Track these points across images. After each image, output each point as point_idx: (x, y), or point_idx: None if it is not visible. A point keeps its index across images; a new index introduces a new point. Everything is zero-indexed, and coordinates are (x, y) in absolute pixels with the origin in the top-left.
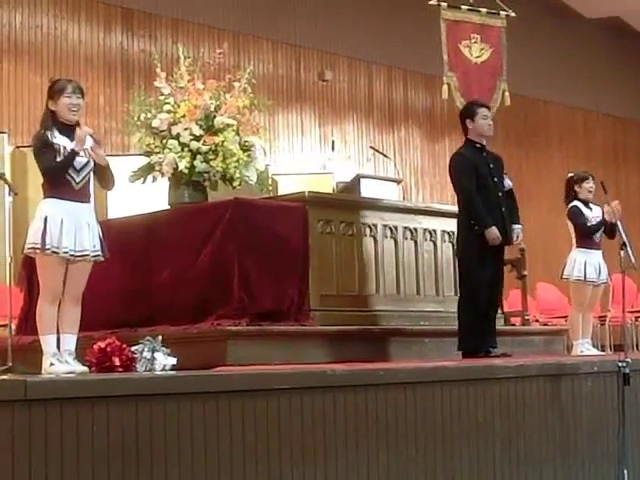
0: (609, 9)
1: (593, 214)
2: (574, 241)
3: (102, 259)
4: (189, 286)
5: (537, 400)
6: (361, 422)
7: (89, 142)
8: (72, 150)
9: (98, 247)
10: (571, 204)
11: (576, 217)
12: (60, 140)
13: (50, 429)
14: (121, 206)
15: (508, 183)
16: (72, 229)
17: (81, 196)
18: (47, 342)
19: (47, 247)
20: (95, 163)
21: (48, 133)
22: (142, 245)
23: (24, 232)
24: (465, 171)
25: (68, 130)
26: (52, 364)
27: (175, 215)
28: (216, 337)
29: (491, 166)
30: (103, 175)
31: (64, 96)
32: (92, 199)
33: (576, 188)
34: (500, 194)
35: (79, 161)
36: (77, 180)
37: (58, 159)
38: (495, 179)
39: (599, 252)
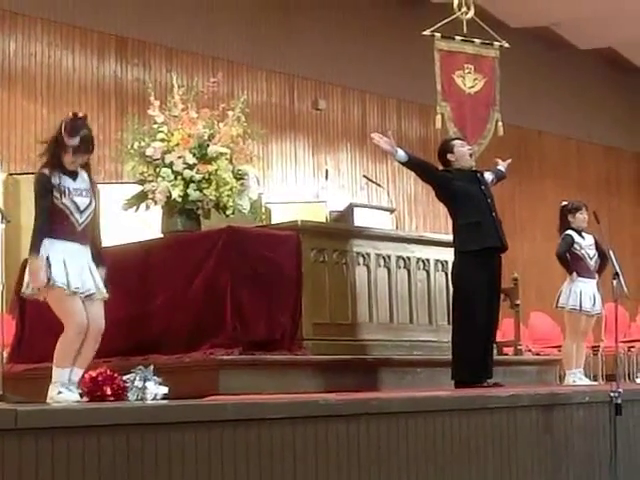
0: (602, 40)
1: (586, 242)
2: (568, 271)
3: (106, 297)
4: (182, 314)
5: (529, 430)
6: (353, 452)
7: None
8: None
9: (102, 286)
10: (564, 233)
11: (561, 245)
12: (63, 181)
13: (41, 459)
14: (114, 234)
15: (488, 177)
16: (77, 270)
17: (82, 238)
18: (60, 374)
19: (55, 282)
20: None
21: (52, 175)
22: (135, 273)
23: (16, 260)
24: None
25: (70, 171)
26: (60, 392)
27: (168, 243)
28: (208, 366)
29: (478, 176)
30: None
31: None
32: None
33: (569, 218)
34: (489, 200)
35: (82, 202)
36: (80, 221)
37: (64, 200)
38: (482, 187)
39: (594, 281)
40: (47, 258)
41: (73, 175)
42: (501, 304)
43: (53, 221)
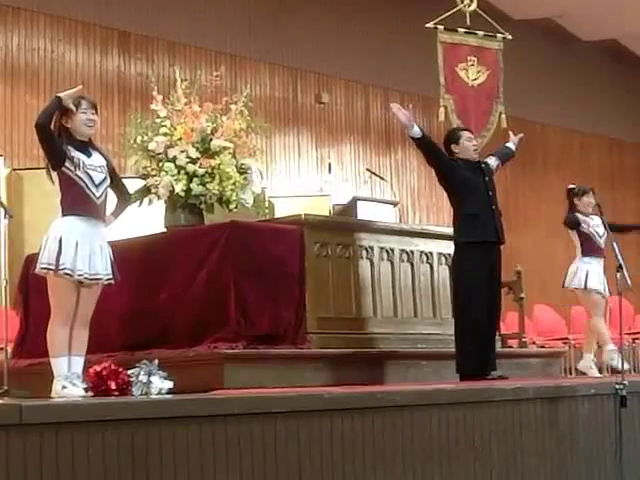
0: (606, 32)
1: (594, 222)
2: (578, 251)
3: (113, 282)
4: (186, 309)
5: (534, 423)
6: (358, 445)
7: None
8: (57, 96)
9: (110, 270)
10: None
11: (567, 216)
12: (76, 154)
13: (45, 454)
14: (117, 229)
15: (493, 163)
16: (86, 252)
17: (100, 212)
18: (58, 365)
19: (61, 268)
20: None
21: (66, 148)
22: (138, 268)
23: (20, 255)
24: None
25: (82, 147)
26: (65, 387)
27: (171, 238)
28: (213, 360)
29: (482, 166)
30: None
31: (80, 111)
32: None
33: (576, 201)
34: (490, 193)
35: (97, 176)
36: (97, 195)
37: (78, 172)
38: (486, 178)
39: (602, 261)
40: (60, 239)
41: (87, 152)
42: (504, 297)
43: (69, 195)
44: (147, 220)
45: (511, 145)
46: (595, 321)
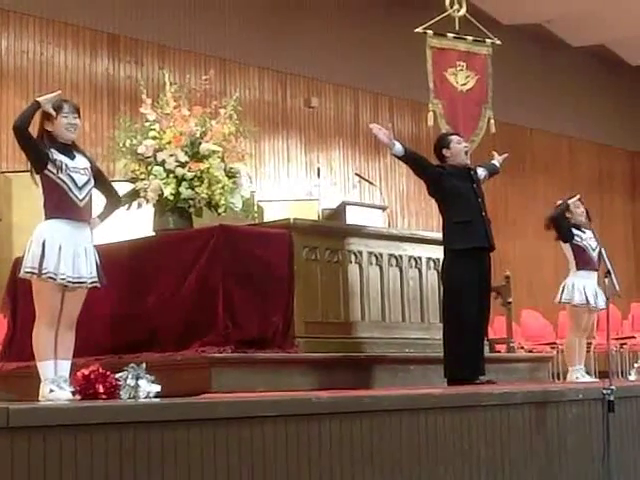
0: (594, 37)
1: (587, 235)
2: (572, 265)
3: (99, 285)
4: (174, 313)
5: (522, 427)
6: (346, 449)
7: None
8: (35, 100)
9: (95, 273)
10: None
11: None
12: (59, 157)
13: (33, 457)
14: (105, 233)
15: (481, 173)
16: (70, 255)
17: (83, 215)
18: (45, 368)
19: (44, 272)
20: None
21: (49, 151)
22: (127, 272)
23: (8, 258)
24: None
25: (66, 150)
26: (52, 390)
27: (160, 242)
28: (200, 364)
29: (471, 173)
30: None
31: (62, 115)
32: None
33: (567, 215)
34: (479, 200)
35: (80, 179)
36: (80, 197)
37: (61, 175)
38: (475, 185)
39: (596, 274)
40: (43, 243)
41: (70, 154)
42: (492, 302)
43: (52, 198)
44: (136, 224)
45: (496, 163)
46: (570, 338)
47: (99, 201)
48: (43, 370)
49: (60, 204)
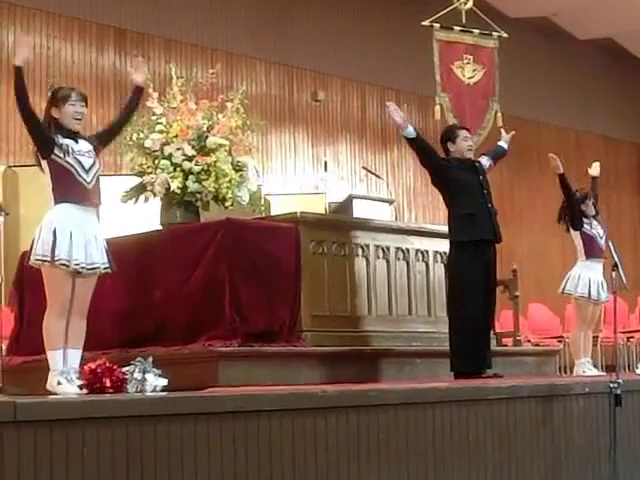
0: (601, 31)
1: (595, 223)
2: (581, 254)
3: (110, 271)
4: (181, 307)
5: (529, 421)
6: (352, 443)
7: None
8: (16, 66)
9: (106, 259)
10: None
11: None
12: (65, 141)
13: (40, 451)
14: (113, 226)
15: (485, 163)
16: (82, 242)
17: (93, 197)
18: (54, 358)
19: (56, 259)
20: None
21: (54, 136)
22: (134, 266)
23: (15, 253)
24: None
25: (70, 135)
26: (60, 383)
27: (167, 235)
28: (207, 358)
29: (477, 165)
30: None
31: (69, 104)
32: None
33: (582, 207)
34: (485, 192)
35: (86, 161)
36: (88, 180)
37: (68, 159)
38: (481, 177)
39: (602, 264)
40: (54, 230)
41: (74, 139)
42: (499, 295)
43: (61, 183)
44: (143, 218)
45: (503, 143)
46: (575, 332)
47: (106, 190)
48: (52, 359)
49: (69, 188)
